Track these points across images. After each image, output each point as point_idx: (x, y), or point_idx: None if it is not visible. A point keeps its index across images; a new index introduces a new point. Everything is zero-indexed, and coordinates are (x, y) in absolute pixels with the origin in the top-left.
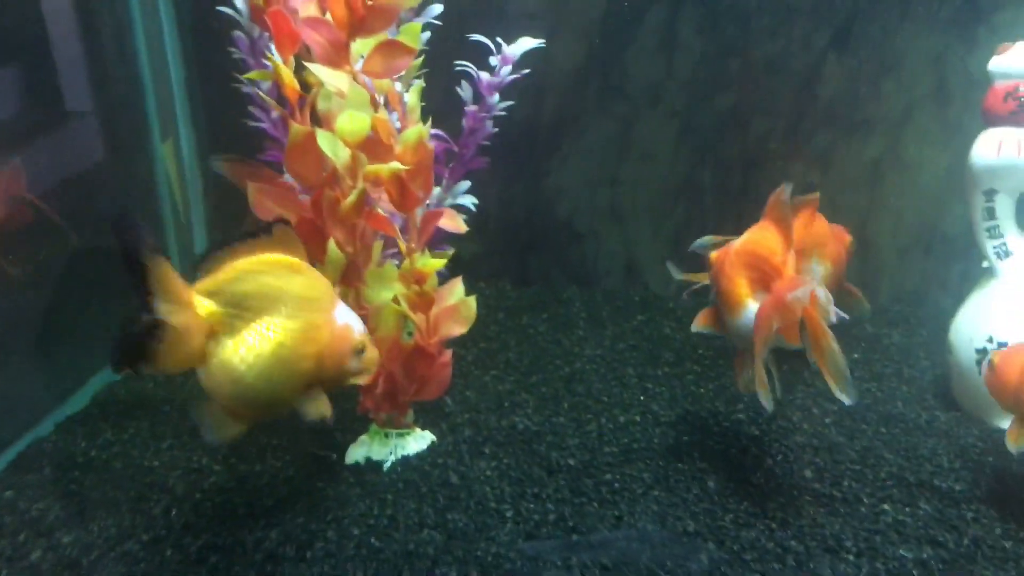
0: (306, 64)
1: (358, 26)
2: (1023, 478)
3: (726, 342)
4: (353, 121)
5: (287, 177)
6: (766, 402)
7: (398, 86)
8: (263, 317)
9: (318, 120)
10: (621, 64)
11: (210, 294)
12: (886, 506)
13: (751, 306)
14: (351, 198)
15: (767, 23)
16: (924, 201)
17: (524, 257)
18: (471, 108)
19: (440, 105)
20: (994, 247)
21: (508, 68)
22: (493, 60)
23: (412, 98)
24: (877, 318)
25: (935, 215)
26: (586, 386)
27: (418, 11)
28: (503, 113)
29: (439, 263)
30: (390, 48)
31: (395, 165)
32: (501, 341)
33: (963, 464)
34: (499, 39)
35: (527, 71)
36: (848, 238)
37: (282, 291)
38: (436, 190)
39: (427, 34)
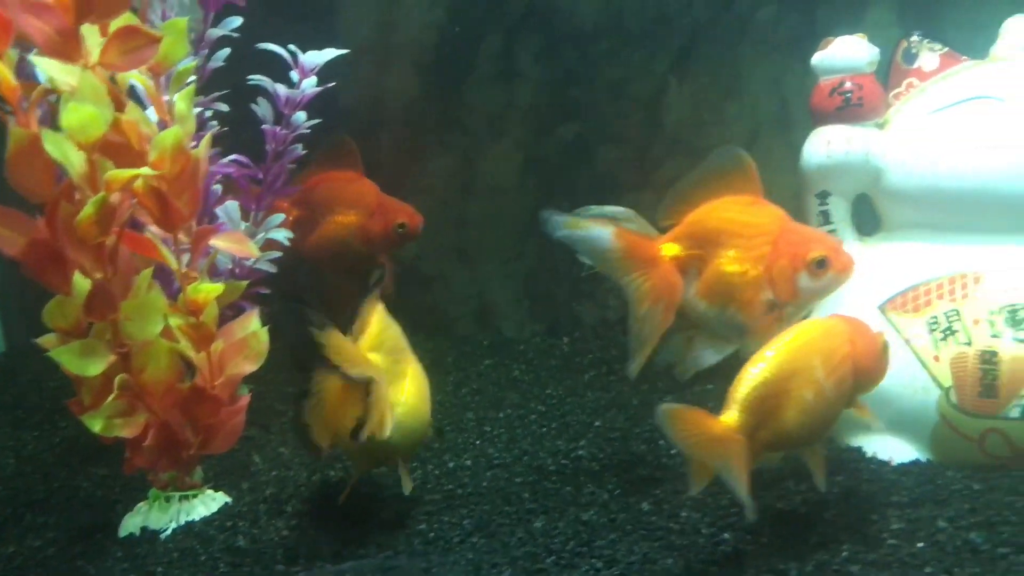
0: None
1: (86, 9)
2: (870, 497)
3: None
4: (79, 115)
5: None
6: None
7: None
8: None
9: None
10: (459, 96)
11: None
12: (727, 535)
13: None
14: (87, 210)
15: (606, 48)
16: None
17: None
18: (269, 127)
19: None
20: None
21: (311, 81)
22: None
23: (181, 104)
24: None
25: None
26: None
27: (215, 22)
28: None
29: (216, 289)
30: (129, 35)
31: (144, 171)
32: None
33: (809, 486)
34: (293, 48)
35: (332, 83)
36: None
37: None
38: (244, 224)
39: (226, 50)
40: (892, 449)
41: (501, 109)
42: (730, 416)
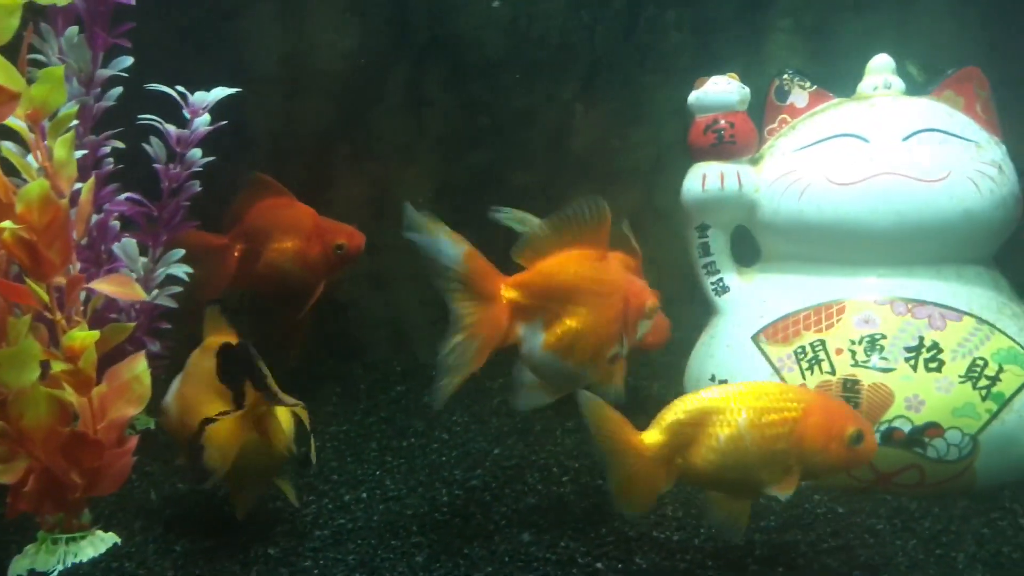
0: None
1: None
2: None
3: None
4: None
5: None
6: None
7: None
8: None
9: None
10: (369, 124)
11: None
12: (600, 564)
13: None
14: None
15: (512, 77)
16: (683, 250)
17: None
18: (162, 166)
19: None
20: (712, 283)
21: (203, 119)
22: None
23: (60, 151)
24: (641, 369)
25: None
26: (318, 465)
27: (104, 63)
28: (200, 169)
29: (91, 336)
30: None
31: (7, 224)
32: None
33: (686, 512)
34: (182, 89)
35: (224, 123)
36: None
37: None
38: (143, 259)
39: (119, 89)
40: None
41: (411, 137)
42: (650, 433)
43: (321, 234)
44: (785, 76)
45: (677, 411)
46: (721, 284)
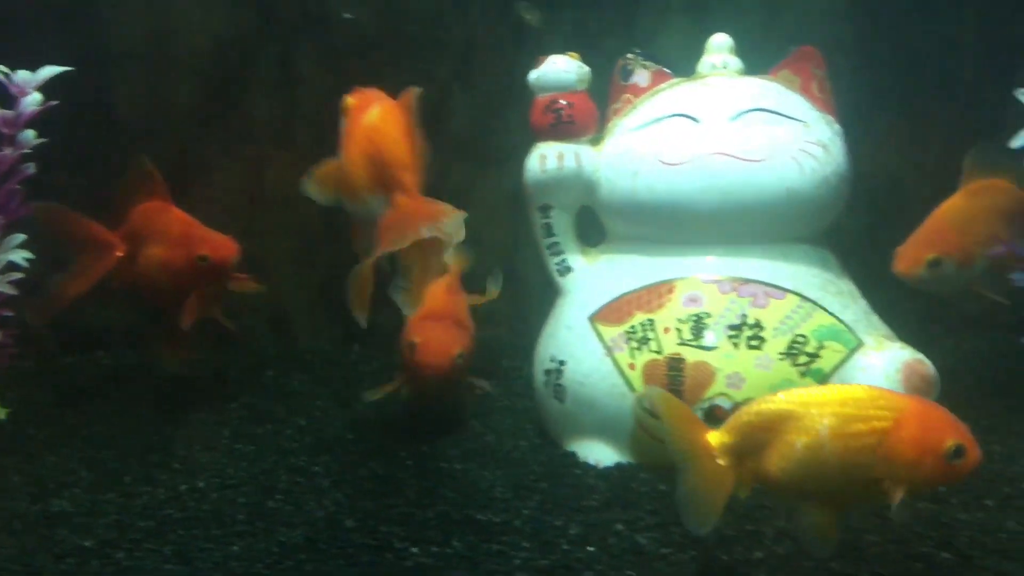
0: None
1: None
2: (564, 502)
3: None
4: None
5: None
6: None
7: None
8: None
9: None
10: (241, 104)
11: None
12: (415, 549)
13: None
14: None
15: (388, 56)
16: None
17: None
18: None
19: None
20: (555, 264)
21: (33, 99)
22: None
23: None
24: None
25: None
26: (165, 455)
27: None
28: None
29: None
30: None
31: None
32: (84, 414)
33: (515, 494)
34: (4, 68)
35: (55, 103)
36: None
37: None
38: None
39: None
40: (599, 453)
41: (285, 117)
42: (719, 433)
43: (187, 243)
44: (629, 56)
45: (751, 412)
46: (564, 265)
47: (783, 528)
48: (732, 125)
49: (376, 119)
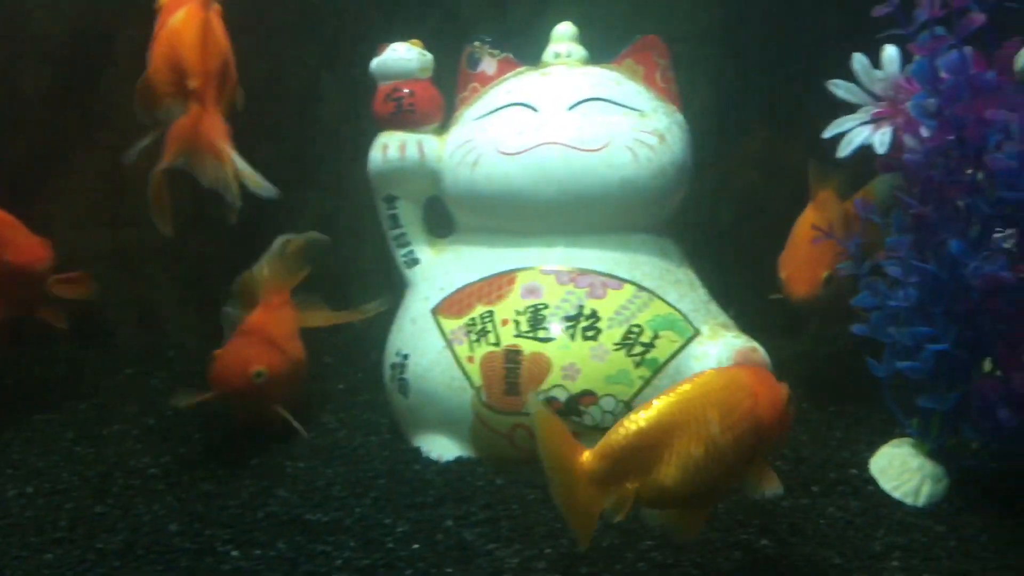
0: None
1: None
2: (400, 498)
3: None
4: None
5: None
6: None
7: None
8: None
9: None
10: (100, 90)
11: None
12: (236, 552)
13: None
14: None
15: (254, 41)
16: None
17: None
18: None
19: None
20: (402, 256)
21: None
22: None
23: None
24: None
25: None
26: None
27: None
28: None
29: None
30: None
31: None
32: None
33: (351, 492)
34: None
35: None
36: None
37: None
38: None
39: None
40: (441, 448)
41: None
42: (589, 457)
43: None
44: (476, 44)
45: (627, 435)
46: (411, 256)
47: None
48: (569, 114)
49: (178, 22)
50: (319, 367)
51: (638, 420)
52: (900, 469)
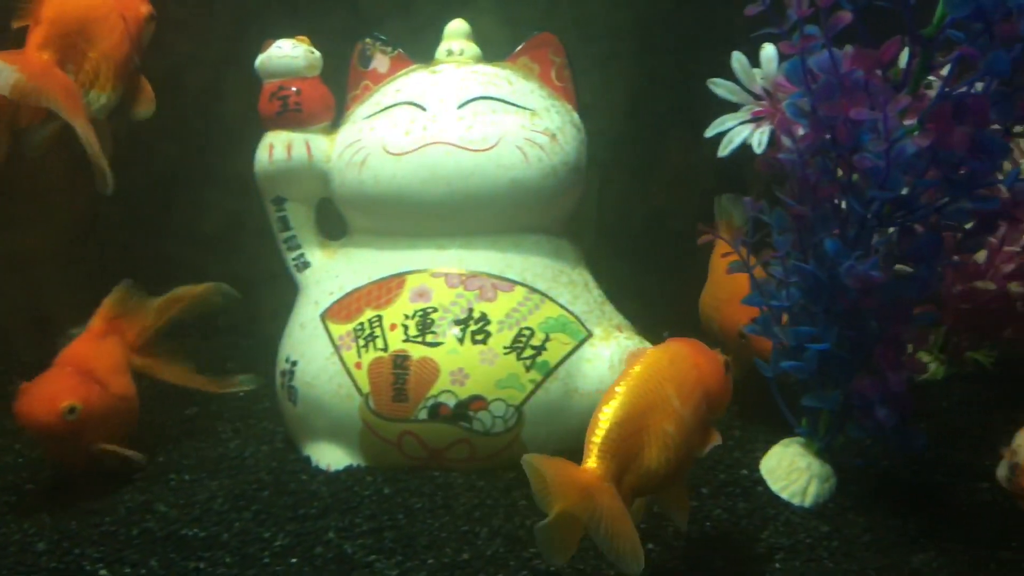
0: None
1: None
2: (282, 511)
3: None
4: None
5: None
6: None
7: None
8: None
9: None
10: None
11: None
12: (105, 571)
13: None
14: None
15: (154, 37)
16: None
17: None
18: None
19: None
20: (293, 259)
21: None
22: None
23: None
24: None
25: None
26: None
27: None
28: None
29: None
30: None
31: None
32: None
33: (233, 505)
34: None
35: None
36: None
37: None
38: None
39: None
40: (330, 457)
41: None
42: (593, 463)
43: None
44: (367, 41)
45: (613, 427)
46: (302, 260)
47: (498, 526)
48: (458, 114)
49: None
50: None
51: (614, 410)
52: (788, 469)
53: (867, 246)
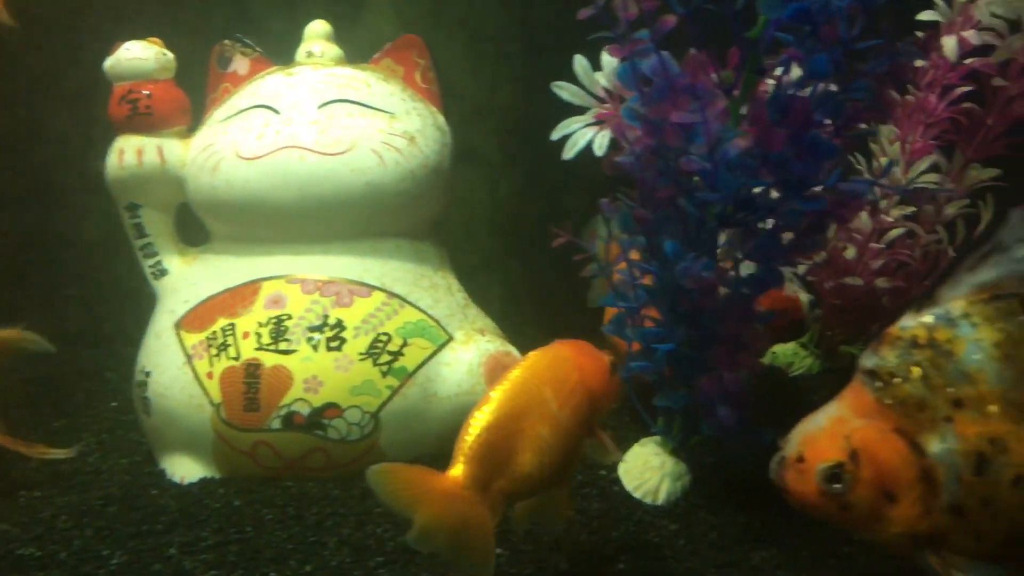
0: None
1: None
2: (126, 527)
3: None
4: None
5: None
6: None
7: None
8: None
9: None
10: None
11: None
12: None
13: None
14: None
15: (25, 38)
16: None
17: None
18: None
19: None
20: (150, 267)
21: None
22: None
23: None
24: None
25: None
26: None
27: None
28: None
29: None
30: None
31: None
32: None
33: (76, 522)
34: None
35: None
36: None
37: None
38: None
39: None
40: (185, 469)
41: None
42: (458, 470)
43: None
44: (227, 42)
45: (482, 432)
46: (159, 268)
47: (348, 535)
48: (312, 117)
49: None
50: (99, 383)
51: (485, 415)
52: (642, 468)
53: (710, 247)
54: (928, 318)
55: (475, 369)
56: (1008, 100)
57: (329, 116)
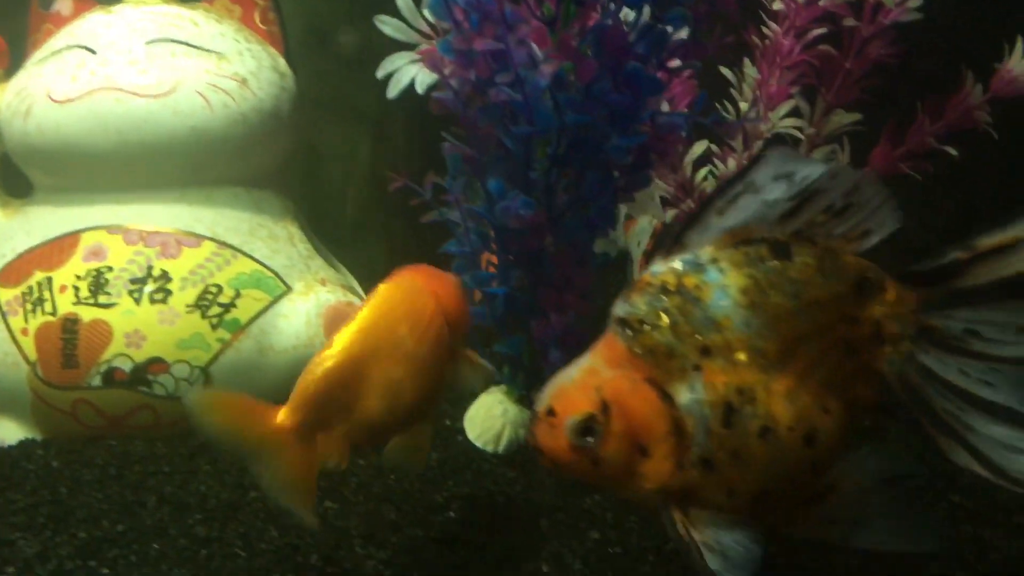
0: None
1: None
2: None
3: None
4: None
5: None
6: None
7: None
8: None
9: None
10: None
11: None
12: None
13: None
14: None
15: None
16: None
17: None
18: None
19: None
20: None
21: None
22: None
23: None
24: None
25: None
26: None
27: None
28: None
29: None
30: None
31: None
32: None
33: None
34: None
35: None
36: None
37: None
38: None
39: None
40: (4, 431)
41: None
42: (283, 414)
43: None
44: None
45: (319, 379)
46: None
47: (169, 494)
48: (131, 57)
49: None
50: None
51: (326, 360)
52: (485, 416)
53: (544, 187)
54: (677, 264)
55: (313, 320)
56: (863, 42)
57: (150, 56)
